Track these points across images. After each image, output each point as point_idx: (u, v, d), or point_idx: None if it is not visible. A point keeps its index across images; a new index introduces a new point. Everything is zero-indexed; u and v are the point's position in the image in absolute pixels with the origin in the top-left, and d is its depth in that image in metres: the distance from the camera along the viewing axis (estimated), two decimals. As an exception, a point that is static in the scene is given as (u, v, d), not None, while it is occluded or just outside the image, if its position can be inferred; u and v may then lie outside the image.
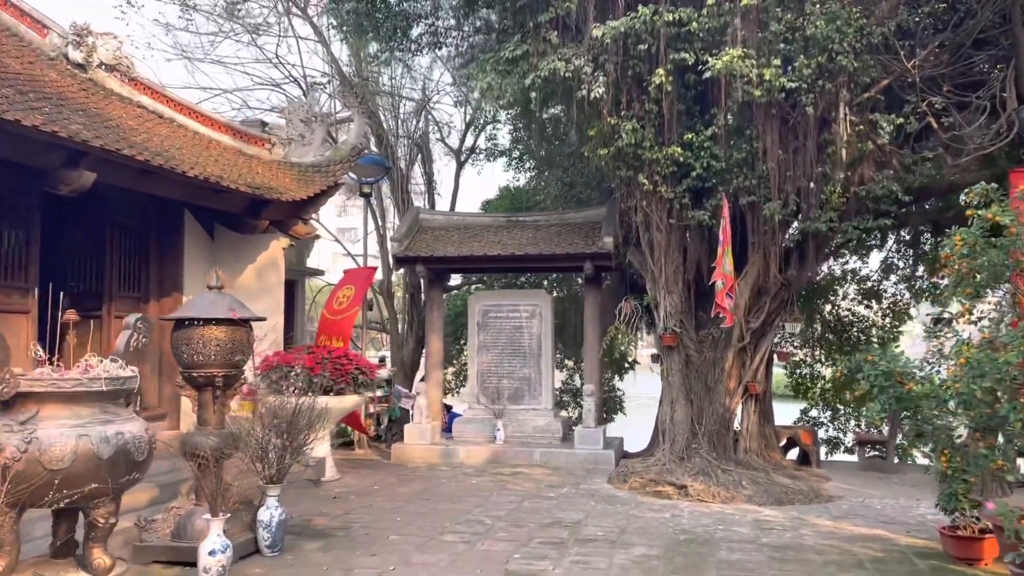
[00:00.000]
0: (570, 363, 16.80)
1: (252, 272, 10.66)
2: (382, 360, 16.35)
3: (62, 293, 6.22)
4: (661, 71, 9.33)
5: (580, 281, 13.50)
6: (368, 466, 11.32)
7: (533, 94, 9.69)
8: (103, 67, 9.57)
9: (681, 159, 9.89)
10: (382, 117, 16.48)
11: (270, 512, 6.52)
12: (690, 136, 9.86)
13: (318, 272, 15.27)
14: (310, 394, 7.42)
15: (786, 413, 13.72)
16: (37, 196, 7.94)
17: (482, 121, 18.04)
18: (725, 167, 9.93)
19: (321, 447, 9.90)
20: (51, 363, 5.00)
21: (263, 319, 6.89)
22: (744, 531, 7.65)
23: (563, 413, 14.43)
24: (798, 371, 15.17)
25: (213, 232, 10.79)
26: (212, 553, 5.52)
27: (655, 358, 11.87)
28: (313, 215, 11.48)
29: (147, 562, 6.25)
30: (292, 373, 8.72)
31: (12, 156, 6.86)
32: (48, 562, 5.04)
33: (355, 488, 9.57)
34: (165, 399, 10.01)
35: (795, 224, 10.57)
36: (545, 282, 16.80)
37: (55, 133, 6.42)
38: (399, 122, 17.02)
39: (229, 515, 5.79)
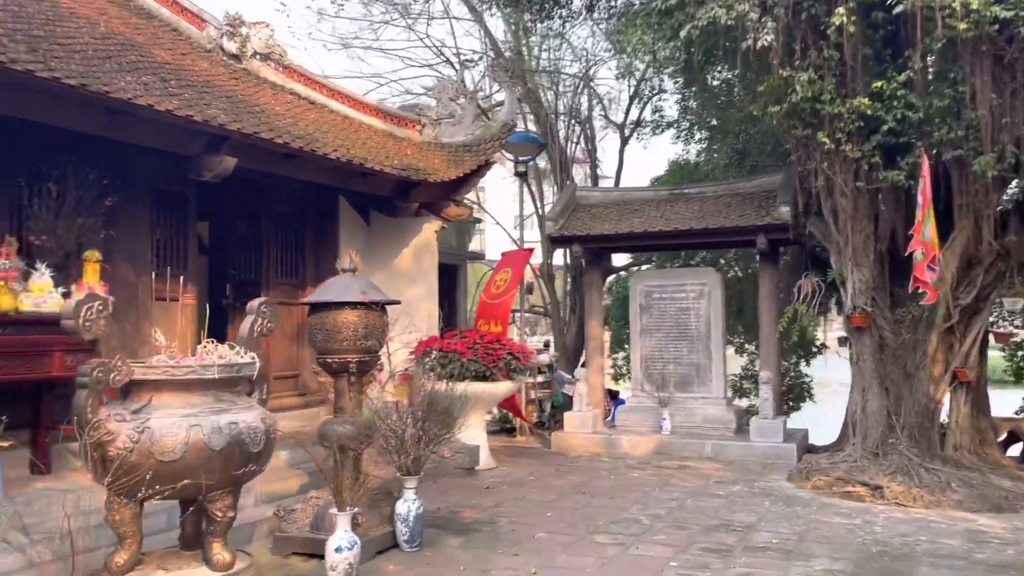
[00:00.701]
0: (751, 347, 15.65)
1: (406, 256, 10.51)
2: (545, 345, 15.94)
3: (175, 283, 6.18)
4: (842, 10, 8.09)
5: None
6: (527, 455, 10.88)
7: (692, 49, 8.73)
8: (257, 56, 9.68)
9: (869, 112, 8.57)
10: (541, 95, 15.95)
11: (407, 505, 6.17)
12: (879, 84, 8.52)
13: (479, 256, 15.04)
14: (446, 381, 7.02)
15: (1006, 402, 11.87)
16: (190, 185, 8.08)
17: (647, 92, 17.10)
18: (923, 118, 8.51)
19: (476, 434, 9.58)
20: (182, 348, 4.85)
21: (397, 302, 6.56)
22: (953, 544, 6.44)
23: (737, 402, 13.38)
24: (1020, 353, 13.11)
25: (369, 218, 10.74)
26: (338, 550, 5.22)
27: (843, 341, 10.59)
28: (466, 196, 11.18)
29: (287, 554, 6.10)
30: (427, 358, 8.37)
31: (160, 144, 6.95)
32: (176, 553, 4.90)
33: (509, 478, 9.14)
34: (326, 384, 10.06)
35: (1014, 182, 8.94)
36: (722, 260, 15.70)
37: (190, 117, 6.38)
38: (558, 99, 16.43)
39: (356, 509, 5.48)
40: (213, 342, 4.87)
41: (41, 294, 6.14)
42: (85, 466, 4.41)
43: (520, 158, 12.10)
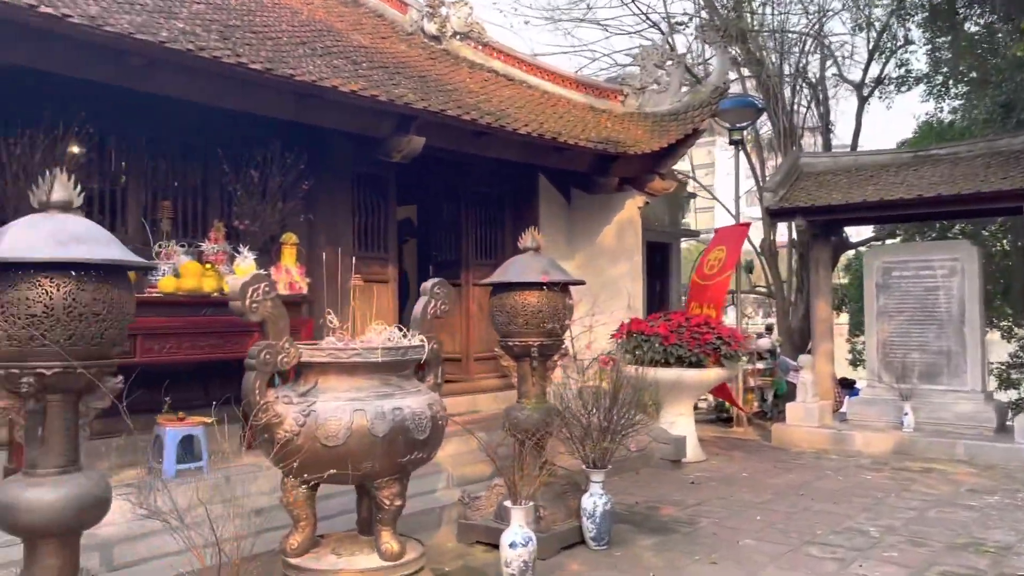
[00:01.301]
0: (1021, 331, 13.55)
1: (608, 234, 10.04)
2: (768, 328, 14.76)
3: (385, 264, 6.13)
4: None
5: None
6: (742, 448, 10.01)
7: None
8: (456, 36, 9.64)
9: None
10: (763, 56, 14.65)
11: (593, 500, 5.74)
12: None
13: (692, 233, 14.17)
14: (638, 366, 6.47)
15: None
16: (389, 168, 8.13)
17: (889, 45, 15.19)
18: None
19: (683, 424, 8.94)
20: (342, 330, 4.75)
21: (581, 282, 6.14)
22: None
23: (1002, 395, 11.56)
24: None
25: (569, 195, 10.38)
26: (512, 545, 4.91)
27: None
28: (673, 168, 10.46)
29: (471, 542, 5.92)
30: (619, 343, 7.81)
31: (352, 127, 7.02)
32: (353, 538, 4.83)
33: (718, 473, 8.40)
34: (510, 368, 9.87)
35: None
36: (984, 231, 13.67)
37: (374, 97, 6.34)
38: (783, 59, 15.00)
39: (531, 503, 5.13)
40: (384, 324, 4.72)
41: (245, 277, 6.38)
42: (256, 447, 4.43)
43: (735, 125, 11.13)
